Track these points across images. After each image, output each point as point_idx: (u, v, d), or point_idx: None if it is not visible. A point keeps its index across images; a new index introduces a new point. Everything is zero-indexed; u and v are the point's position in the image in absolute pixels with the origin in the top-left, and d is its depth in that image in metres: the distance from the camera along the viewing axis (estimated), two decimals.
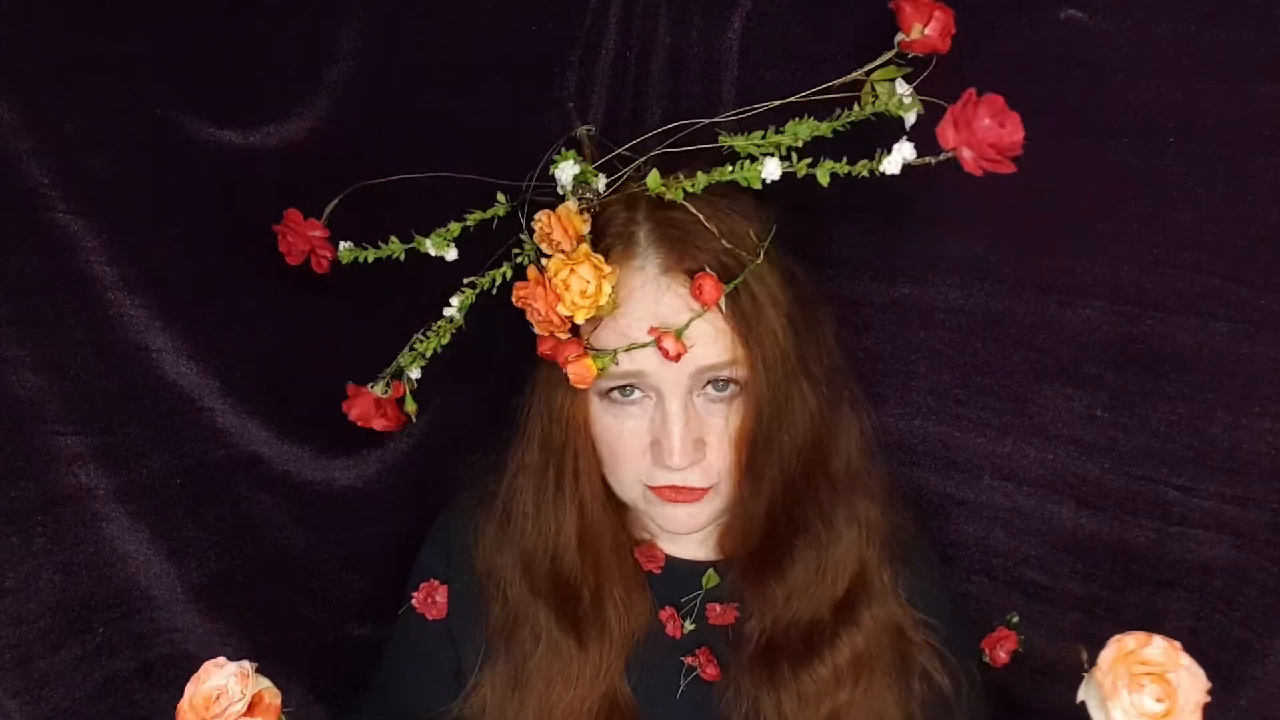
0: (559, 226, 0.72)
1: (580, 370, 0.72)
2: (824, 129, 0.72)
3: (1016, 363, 0.87)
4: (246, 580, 0.88)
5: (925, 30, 0.69)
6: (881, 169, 0.70)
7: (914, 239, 0.87)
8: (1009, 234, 0.83)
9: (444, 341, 0.83)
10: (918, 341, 0.90)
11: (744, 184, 0.73)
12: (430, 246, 0.80)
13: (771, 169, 0.72)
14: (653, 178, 0.73)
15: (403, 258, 0.81)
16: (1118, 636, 0.64)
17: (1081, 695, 0.66)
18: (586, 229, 0.72)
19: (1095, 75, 0.77)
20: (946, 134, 0.66)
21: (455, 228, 0.81)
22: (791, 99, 0.75)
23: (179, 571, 0.83)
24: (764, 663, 0.81)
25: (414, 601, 0.89)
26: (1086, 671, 0.66)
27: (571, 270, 0.70)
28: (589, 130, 0.82)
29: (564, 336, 0.73)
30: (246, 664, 0.67)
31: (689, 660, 0.83)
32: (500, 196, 0.81)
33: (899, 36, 0.72)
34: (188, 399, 0.82)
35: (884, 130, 0.72)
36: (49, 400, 0.75)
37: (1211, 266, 0.78)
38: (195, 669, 0.85)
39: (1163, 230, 0.78)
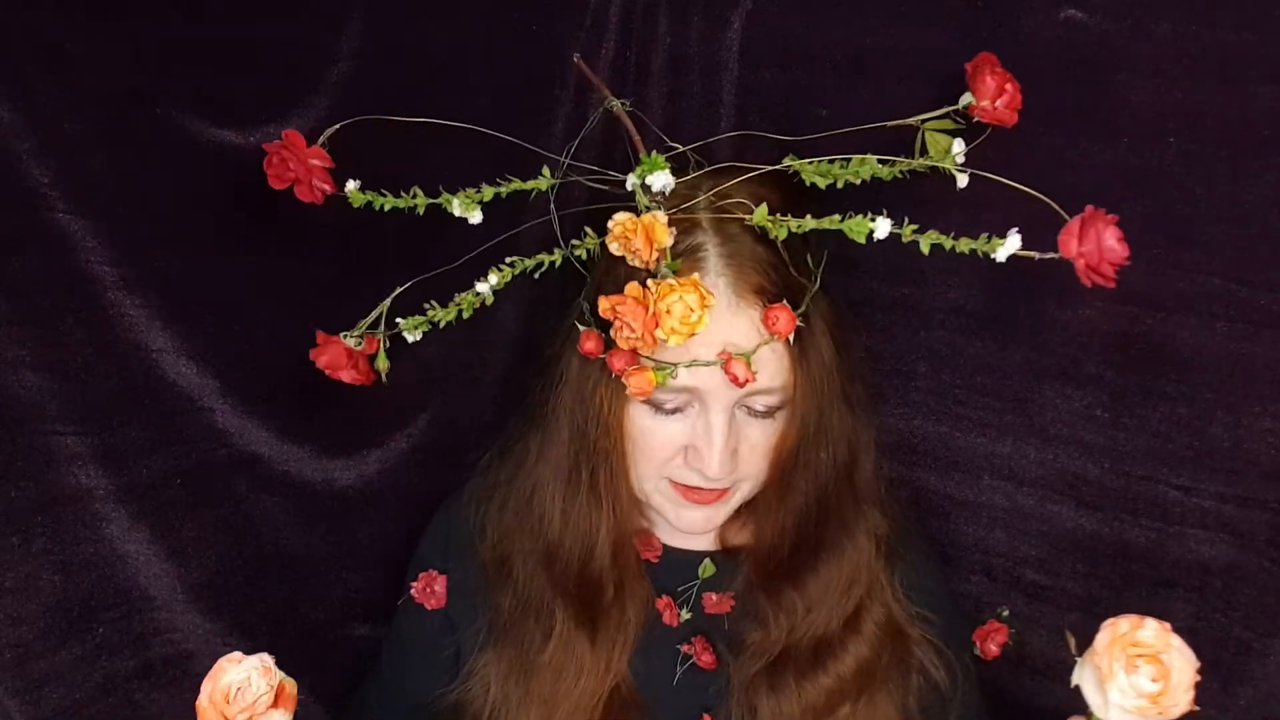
0: (642, 235, 0.70)
1: (641, 383, 0.71)
2: (884, 172, 0.74)
3: (1016, 363, 0.87)
4: (246, 580, 0.88)
5: (998, 104, 0.72)
6: (987, 253, 0.71)
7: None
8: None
9: (466, 316, 0.81)
10: (918, 341, 0.90)
11: (849, 235, 0.73)
12: (457, 206, 0.78)
13: (882, 229, 0.72)
14: (760, 213, 0.72)
15: (422, 211, 0.79)
16: (1110, 620, 0.65)
17: (1075, 679, 0.67)
18: (670, 242, 0.71)
19: (1095, 75, 0.77)
20: (1069, 244, 0.68)
21: (488, 191, 0.79)
22: (847, 130, 0.77)
23: (179, 571, 0.83)
24: (770, 671, 0.81)
25: (412, 592, 0.89)
26: (1076, 657, 0.67)
27: (680, 298, 0.69)
28: (624, 104, 0.81)
29: (648, 353, 0.72)
30: (266, 656, 0.67)
31: (685, 648, 0.84)
32: (545, 171, 0.80)
33: (966, 99, 0.73)
34: (188, 399, 0.82)
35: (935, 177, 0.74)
36: (49, 400, 0.75)
37: (1211, 266, 0.78)
38: (195, 669, 0.85)
39: (1163, 230, 0.78)
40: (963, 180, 0.73)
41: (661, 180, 0.73)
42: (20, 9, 0.70)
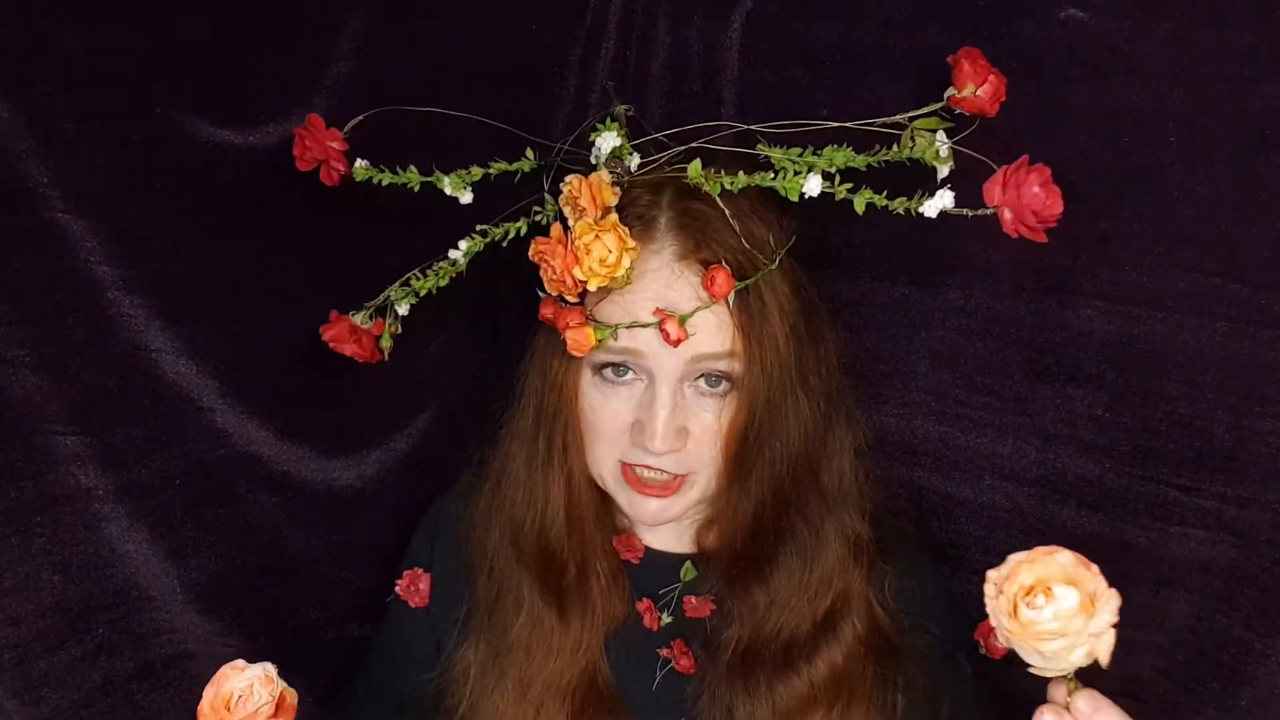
0: (587, 193, 0.72)
1: (579, 337, 0.73)
2: (859, 161, 0.75)
3: (1016, 363, 0.87)
4: (246, 580, 0.88)
5: (978, 91, 0.72)
6: (919, 210, 0.72)
7: (914, 239, 0.87)
8: (1009, 234, 0.83)
9: (441, 284, 0.83)
10: (918, 341, 0.90)
11: (782, 193, 0.74)
12: (448, 185, 0.81)
13: (813, 185, 0.73)
14: (694, 167, 0.74)
15: (417, 188, 0.81)
16: (990, 591, 0.61)
17: (1026, 660, 0.61)
18: (614, 202, 0.73)
19: (1095, 75, 0.77)
20: (993, 192, 0.68)
21: (477, 171, 0.82)
22: (834, 125, 0.77)
23: (179, 571, 0.83)
24: (741, 670, 0.81)
25: (398, 589, 0.90)
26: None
27: (596, 236, 0.70)
28: (627, 110, 0.83)
29: (572, 299, 0.74)
30: (270, 666, 0.67)
31: (665, 652, 0.84)
32: (529, 152, 0.82)
33: (949, 91, 0.74)
34: (188, 399, 0.82)
35: (916, 165, 0.75)
36: (49, 400, 0.75)
37: (1211, 266, 0.78)
38: (195, 669, 0.85)
39: (1163, 230, 0.78)
40: (944, 170, 0.73)
41: (610, 141, 0.76)
42: (20, 9, 0.70)
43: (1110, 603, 0.60)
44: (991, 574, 0.62)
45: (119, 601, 0.81)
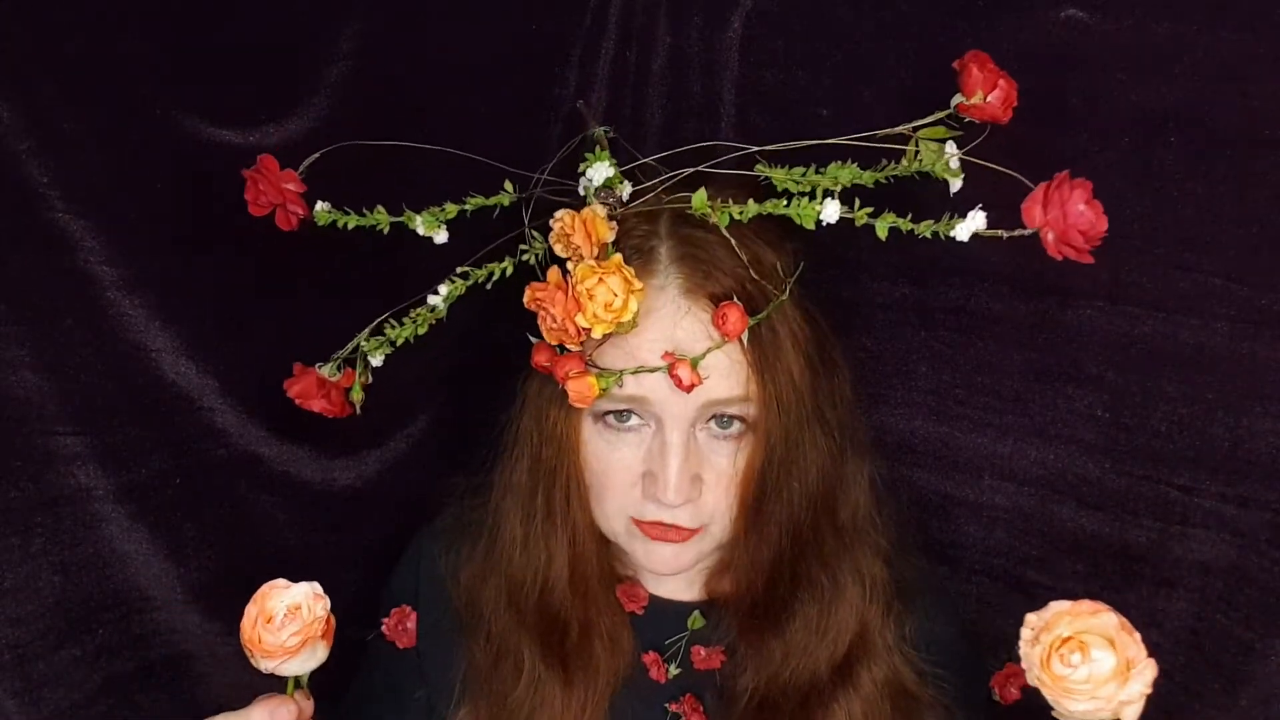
0: (582, 230, 0.66)
1: (581, 388, 0.67)
2: (866, 178, 0.70)
3: (1016, 363, 0.86)
4: (246, 580, 0.88)
5: (988, 98, 0.67)
6: (950, 234, 0.67)
7: (913, 239, 0.87)
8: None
9: (420, 332, 0.78)
10: (918, 341, 0.90)
11: (797, 220, 0.70)
12: (420, 224, 0.76)
13: (831, 211, 0.68)
14: (699, 197, 0.69)
15: (386, 230, 0.77)
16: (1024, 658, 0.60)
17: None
18: (611, 236, 0.67)
19: (1095, 75, 0.77)
20: (1033, 212, 0.63)
21: (451, 209, 0.77)
22: (833, 140, 0.73)
23: (179, 571, 0.83)
24: (759, 718, 0.77)
25: (384, 628, 0.85)
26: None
27: (600, 280, 0.65)
28: (607, 131, 0.79)
29: (574, 347, 0.68)
30: (316, 585, 0.64)
31: (674, 707, 0.80)
32: (507, 185, 0.78)
33: (957, 98, 0.70)
34: (187, 399, 0.82)
35: (924, 180, 0.72)
36: (48, 400, 0.75)
37: (1211, 266, 0.78)
38: (195, 670, 0.85)
39: (1163, 230, 0.78)
40: (956, 184, 0.71)
41: (602, 172, 0.71)
42: (20, 9, 0.70)
43: (1145, 673, 0.57)
44: (1031, 618, 0.61)
45: (118, 602, 0.81)
